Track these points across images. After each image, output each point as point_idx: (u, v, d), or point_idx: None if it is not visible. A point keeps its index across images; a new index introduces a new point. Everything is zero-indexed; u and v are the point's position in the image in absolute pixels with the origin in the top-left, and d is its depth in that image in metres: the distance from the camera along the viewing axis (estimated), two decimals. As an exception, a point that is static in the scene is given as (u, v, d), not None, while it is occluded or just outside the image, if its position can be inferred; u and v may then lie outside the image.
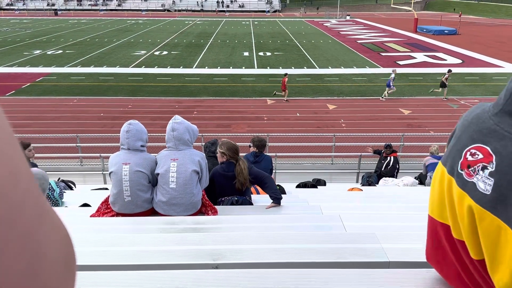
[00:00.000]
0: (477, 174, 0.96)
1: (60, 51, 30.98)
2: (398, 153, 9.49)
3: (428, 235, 1.26)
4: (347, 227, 2.75)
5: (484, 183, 0.94)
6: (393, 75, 18.60)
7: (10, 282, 0.28)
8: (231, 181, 4.00)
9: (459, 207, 1.02)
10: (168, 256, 1.90)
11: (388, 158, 8.82)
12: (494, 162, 0.93)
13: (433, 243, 1.22)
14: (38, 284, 0.31)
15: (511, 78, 0.99)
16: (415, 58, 29.03)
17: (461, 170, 1.01)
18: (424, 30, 43.23)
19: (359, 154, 10.16)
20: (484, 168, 0.95)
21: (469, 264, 1.06)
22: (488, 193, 0.93)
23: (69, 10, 71.66)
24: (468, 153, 1.00)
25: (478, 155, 0.97)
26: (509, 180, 0.90)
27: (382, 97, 18.78)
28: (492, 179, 0.92)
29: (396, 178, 8.20)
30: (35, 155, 6.10)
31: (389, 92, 18.69)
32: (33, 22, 52.20)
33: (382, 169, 8.72)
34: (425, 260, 1.28)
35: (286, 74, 19.13)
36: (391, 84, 18.44)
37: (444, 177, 1.08)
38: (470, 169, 0.98)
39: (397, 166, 8.76)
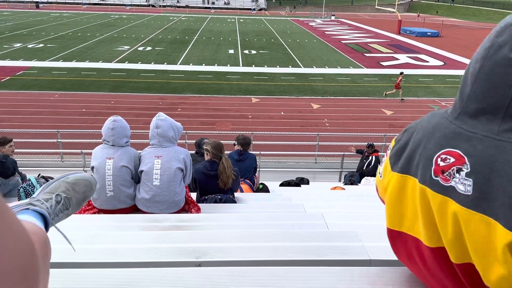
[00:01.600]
0: (453, 177, 0.99)
1: (41, 45, 30.38)
2: (380, 153, 9.60)
3: (397, 250, 1.26)
4: (329, 225, 2.78)
5: (463, 184, 0.97)
6: None
7: None
8: (214, 180, 3.99)
9: (439, 214, 1.03)
10: (151, 254, 1.89)
11: (370, 157, 8.92)
12: (468, 163, 0.96)
13: (406, 257, 1.23)
14: None
15: (461, 81, 1.04)
16: (398, 59, 29.42)
17: (436, 176, 1.03)
18: (408, 32, 43.82)
19: (342, 153, 10.25)
20: (459, 170, 0.98)
21: (447, 271, 1.08)
22: (470, 193, 0.95)
23: (51, 3, 70.30)
24: (439, 159, 1.02)
25: (449, 159, 1.00)
26: (487, 178, 0.93)
27: None
28: (470, 179, 0.95)
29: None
30: (15, 150, 5.98)
31: None
32: (14, 15, 51.04)
33: (364, 168, 8.81)
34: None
35: (401, 73, 19.22)
36: None
37: (416, 187, 1.09)
38: (445, 174, 1.01)
39: (378, 166, 8.83)
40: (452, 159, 1.00)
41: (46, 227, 1.01)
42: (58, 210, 1.22)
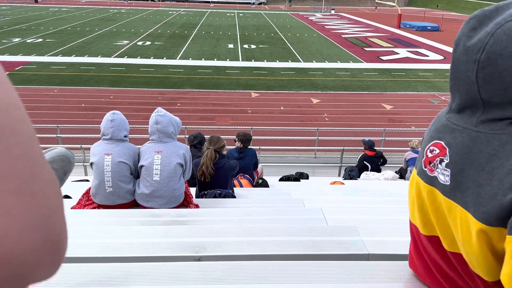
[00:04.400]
0: (437, 168, 1.03)
1: (40, 40, 30.27)
2: (378, 148, 9.50)
3: (411, 241, 1.31)
4: (328, 220, 2.79)
5: (443, 175, 1.01)
6: None
7: (16, 176, 0.34)
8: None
9: (430, 203, 1.08)
10: (151, 249, 1.90)
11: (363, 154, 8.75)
12: (448, 154, 1.00)
13: (415, 248, 1.28)
14: (36, 185, 0.36)
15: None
16: (398, 53, 29.32)
17: (425, 167, 1.08)
18: (408, 26, 43.66)
19: (342, 148, 10.26)
20: (441, 161, 1.02)
21: (442, 259, 1.11)
22: (448, 183, 1.00)
23: (49, -3, 69.90)
24: (428, 150, 1.07)
25: (435, 150, 1.05)
26: (460, 168, 0.97)
27: None
28: (449, 170, 1.00)
29: (378, 172, 8.25)
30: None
31: None
32: (12, 9, 50.80)
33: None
34: (402, 252, 1.32)
35: None
36: None
37: (414, 178, 1.15)
38: (431, 165, 1.06)
39: (365, 163, 8.33)
40: (437, 150, 1.04)
41: None
42: None
